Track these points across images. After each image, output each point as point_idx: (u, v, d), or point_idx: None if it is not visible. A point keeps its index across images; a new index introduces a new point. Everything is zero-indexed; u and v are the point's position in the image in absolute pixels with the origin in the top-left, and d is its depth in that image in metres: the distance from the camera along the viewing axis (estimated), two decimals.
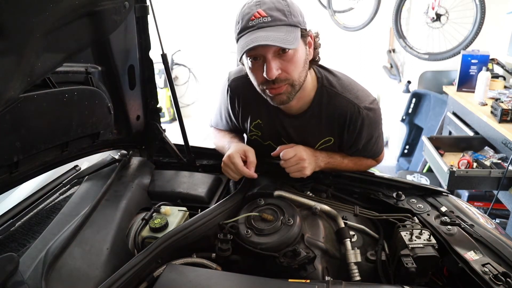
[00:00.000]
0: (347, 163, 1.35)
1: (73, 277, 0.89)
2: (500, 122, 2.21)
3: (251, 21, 1.02)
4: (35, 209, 1.17)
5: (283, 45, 1.01)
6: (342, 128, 1.26)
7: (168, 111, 5.73)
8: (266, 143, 1.39)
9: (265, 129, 1.35)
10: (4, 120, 0.80)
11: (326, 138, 1.30)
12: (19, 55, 0.73)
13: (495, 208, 2.50)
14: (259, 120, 1.35)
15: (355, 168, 1.37)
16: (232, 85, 1.34)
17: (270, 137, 1.37)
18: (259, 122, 1.35)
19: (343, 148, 1.33)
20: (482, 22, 2.77)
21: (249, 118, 1.36)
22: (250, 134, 1.39)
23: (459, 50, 2.94)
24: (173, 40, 5.41)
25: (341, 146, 1.32)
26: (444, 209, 1.16)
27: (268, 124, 1.34)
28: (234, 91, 1.34)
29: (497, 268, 0.89)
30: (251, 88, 1.20)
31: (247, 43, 1.01)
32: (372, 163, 1.44)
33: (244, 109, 1.36)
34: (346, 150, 1.34)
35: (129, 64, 1.21)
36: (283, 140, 1.35)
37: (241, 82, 1.31)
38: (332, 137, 1.30)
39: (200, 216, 1.04)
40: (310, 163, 1.21)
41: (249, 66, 1.12)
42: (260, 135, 1.38)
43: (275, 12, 1.02)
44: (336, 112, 1.23)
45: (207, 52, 5.66)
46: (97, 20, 0.98)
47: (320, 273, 0.96)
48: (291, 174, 1.21)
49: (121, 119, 1.27)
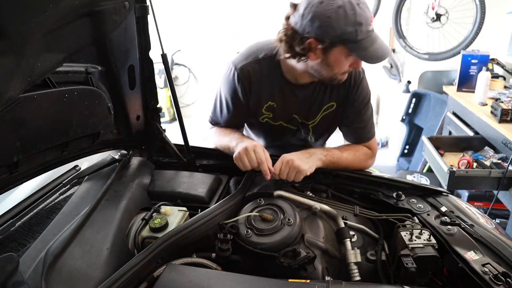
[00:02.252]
0: (346, 156, 1.37)
1: (73, 277, 0.89)
2: (500, 122, 2.22)
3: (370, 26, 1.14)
4: (35, 209, 1.17)
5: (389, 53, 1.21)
6: (347, 91, 1.38)
7: (168, 111, 5.73)
8: (277, 124, 1.46)
9: (277, 109, 1.42)
10: (4, 120, 0.80)
11: (330, 103, 1.41)
12: (19, 55, 0.73)
13: (495, 208, 2.50)
14: (272, 102, 1.40)
15: (355, 161, 1.39)
16: (241, 72, 1.35)
17: (282, 117, 1.45)
18: (272, 104, 1.40)
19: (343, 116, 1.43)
20: (482, 22, 2.77)
21: (261, 101, 1.40)
22: (262, 117, 1.45)
23: (459, 50, 2.94)
24: (173, 40, 5.41)
25: (343, 111, 1.42)
26: (444, 209, 1.17)
27: (282, 103, 1.40)
28: (244, 78, 1.35)
29: (497, 268, 0.89)
30: (263, 72, 1.33)
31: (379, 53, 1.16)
32: (368, 153, 1.46)
33: (255, 93, 1.39)
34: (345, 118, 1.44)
35: (129, 64, 1.21)
36: (294, 116, 1.44)
37: (251, 68, 1.34)
38: (335, 102, 1.41)
39: (200, 216, 1.04)
40: (300, 159, 1.21)
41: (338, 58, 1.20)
42: (271, 117, 1.45)
43: None
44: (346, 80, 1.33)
45: (207, 52, 5.66)
46: (97, 20, 0.98)
47: (320, 273, 0.97)
48: (290, 179, 1.20)
49: (121, 119, 1.27)
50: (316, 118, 1.46)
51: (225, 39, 5.48)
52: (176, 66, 5.84)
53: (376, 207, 1.24)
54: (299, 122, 1.47)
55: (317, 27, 1.12)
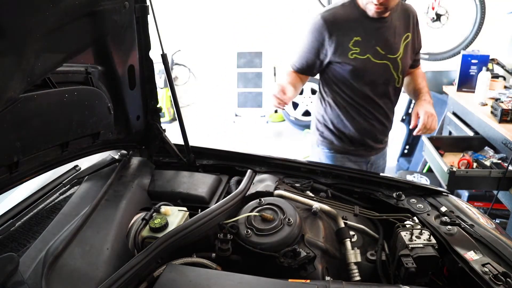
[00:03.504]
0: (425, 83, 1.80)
1: (73, 277, 0.89)
2: (500, 122, 2.21)
3: None
4: (35, 209, 1.17)
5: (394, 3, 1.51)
6: (414, 23, 1.71)
7: (168, 111, 5.73)
8: (365, 57, 1.61)
9: (363, 43, 1.59)
10: (4, 120, 0.80)
11: (406, 34, 1.68)
12: (19, 55, 0.73)
13: (495, 208, 2.50)
14: (357, 37, 1.58)
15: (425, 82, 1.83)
16: (325, 17, 1.57)
17: (368, 50, 1.60)
18: (357, 39, 1.58)
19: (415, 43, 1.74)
20: (482, 22, 2.77)
21: (347, 39, 1.58)
22: (351, 53, 1.59)
23: (459, 50, 2.95)
24: (173, 40, 5.41)
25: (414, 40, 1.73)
26: (444, 209, 1.17)
27: (365, 36, 1.59)
28: (329, 21, 1.57)
29: (497, 268, 0.89)
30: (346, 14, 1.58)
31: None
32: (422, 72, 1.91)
33: (341, 33, 1.58)
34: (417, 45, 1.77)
35: (129, 64, 1.21)
36: (377, 49, 1.61)
37: (332, 12, 1.59)
38: (409, 33, 1.68)
39: (200, 216, 1.04)
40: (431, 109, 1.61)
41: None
42: (359, 52, 1.60)
43: None
44: (410, 12, 1.70)
45: (207, 52, 5.66)
46: (97, 20, 0.98)
47: (320, 273, 0.97)
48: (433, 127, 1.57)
49: (121, 119, 1.27)
50: (400, 50, 1.66)
51: (225, 39, 5.47)
52: (176, 66, 5.84)
53: (376, 207, 1.24)
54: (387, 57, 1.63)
55: None
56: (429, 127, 1.57)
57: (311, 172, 1.38)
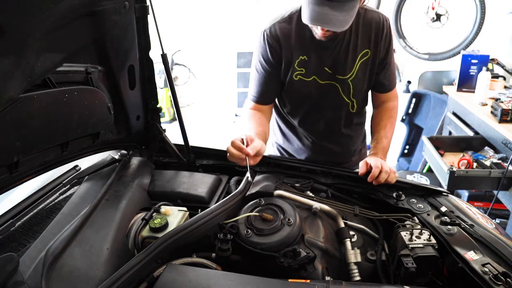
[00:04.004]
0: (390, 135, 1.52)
1: (73, 277, 0.89)
2: (500, 122, 2.22)
3: None
4: (35, 209, 1.17)
5: (340, 29, 1.20)
6: (378, 38, 1.42)
7: (168, 111, 5.73)
8: (311, 79, 1.45)
9: (309, 63, 1.42)
10: (4, 120, 0.80)
11: (364, 50, 1.43)
12: (19, 55, 0.73)
13: (495, 208, 2.50)
14: (303, 56, 1.41)
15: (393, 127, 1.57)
16: (269, 31, 1.41)
17: (315, 71, 1.44)
18: (303, 58, 1.41)
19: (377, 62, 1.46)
20: (482, 22, 2.77)
21: (292, 57, 1.42)
22: (295, 74, 1.44)
23: (459, 50, 2.95)
24: (173, 40, 5.41)
25: (376, 58, 1.45)
26: (444, 209, 1.17)
27: (314, 56, 1.41)
28: (273, 36, 1.40)
29: (497, 268, 0.89)
30: (292, 28, 1.38)
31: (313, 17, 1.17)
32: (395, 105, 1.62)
33: (286, 49, 1.41)
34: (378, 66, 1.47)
35: (129, 64, 1.20)
36: (326, 69, 1.43)
37: (279, 26, 1.40)
38: (368, 49, 1.43)
39: (200, 216, 1.04)
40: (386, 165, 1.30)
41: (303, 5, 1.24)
42: (304, 73, 1.44)
43: None
44: (372, 23, 1.40)
45: (207, 52, 5.66)
46: (97, 20, 0.98)
47: (320, 273, 0.96)
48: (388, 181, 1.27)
49: (121, 119, 1.27)
50: (353, 70, 1.44)
51: (225, 39, 5.48)
52: (176, 66, 5.84)
53: (376, 207, 1.24)
54: (335, 78, 1.45)
55: None
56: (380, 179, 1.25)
57: (311, 172, 1.38)
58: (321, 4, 1.15)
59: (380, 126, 1.54)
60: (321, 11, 1.15)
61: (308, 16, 1.18)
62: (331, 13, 1.14)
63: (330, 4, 1.14)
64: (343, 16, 1.16)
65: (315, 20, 1.18)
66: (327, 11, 1.14)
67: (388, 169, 1.25)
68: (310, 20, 1.19)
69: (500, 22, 3.06)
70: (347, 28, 1.28)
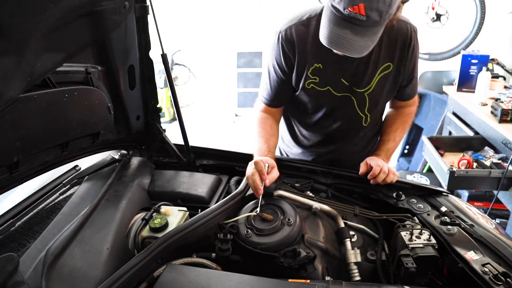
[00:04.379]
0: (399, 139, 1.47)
1: (73, 277, 0.89)
2: (500, 122, 2.22)
3: (349, 11, 1.00)
4: (35, 209, 1.17)
5: (359, 55, 1.11)
6: (404, 51, 1.30)
7: (168, 111, 5.73)
8: (325, 89, 1.35)
9: (324, 72, 1.31)
10: (4, 120, 0.80)
11: (386, 64, 1.31)
12: (19, 55, 0.73)
13: (495, 208, 2.50)
14: (318, 64, 1.30)
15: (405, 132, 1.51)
16: (285, 33, 1.29)
17: (329, 81, 1.33)
18: (318, 66, 1.30)
19: (400, 77, 1.35)
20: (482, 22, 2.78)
21: (306, 64, 1.31)
22: (308, 82, 1.34)
23: (459, 50, 2.95)
24: (173, 40, 5.41)
25: (399, 72, 1.34)
26: (444, 209, 1.17)
27: (330, 65, 1.29)
28: (288, 39, 1.29)
29: (497, 268, 0.89)
30: (308, 33, 1.26)
31: (332, 39, 1.08)
32: (412, 111, 1.54)
33: (300, 55, 1.30)
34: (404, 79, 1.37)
35: (129, 64, 1.21)
36: (342, 81, 1.32)
37: (294, 30, 1.28)
38: (391, 63, 1.32)
39: (200, 216, 1.04)
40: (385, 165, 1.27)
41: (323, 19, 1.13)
42: (317, 82, 1.33)
43: (374, 13, 1.00)
44: (398, 35, 1.27)
45: (207, 52, 5.66)
46: (97, 20, 0.98)
47: (320, 273, 0.97)
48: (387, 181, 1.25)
49: (121, 119, 1.27)
50: (371, 84, 1.34)
51: (225, 39, 5.47)
52: (176, 66, 5.84)
53: (376, 207, 1.24)
54: (352, 90, 1.35)
55: None
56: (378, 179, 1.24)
57: (311, 172, 1.38)
58: (343, 26, 1.05)
59: (391, 128, 1.49)
60: (341, 34, 1.05)
61: (326, 36, 1.09)
62: (352, 37, 1.05)
63: (352, 28, 1.03)
64: (364, 42, 1.07)
65: (334, 43, 1.09)
66: (348, 35, 1.05)
67: (386, 170, 1.23)
68: (328, 42, 1.09)
69: (500, 22, 3.06)
70: None
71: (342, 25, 1.05)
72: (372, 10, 1.00)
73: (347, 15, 1.01)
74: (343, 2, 1.01)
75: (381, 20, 1.03)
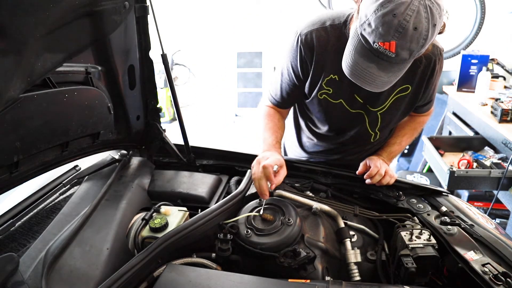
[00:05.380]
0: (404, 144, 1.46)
1: (73, 277, 0.89)
2: (500, 122, 2.22)
3: (379, 45, 0.94)
4: (35, 209, 1.17)
5: (380, 90, 1.04)
6: (426, 75, 1.23)
7: (168, 111, 5.74)
8: (337, 102, 1.29)
9: (340, 85, 1.25)
10: (4, 120, 0.80)
11: (404, 86, 1.25)
12: (19, 55, 0.73)
13: (495, 208, 2.50)
14: (334, 75, 1.24)
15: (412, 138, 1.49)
16: (305, 37, 1.21)
17: (343, 95, 1.28)
18: (334, 77, 1.24)
19: (417, 100, 1.30)
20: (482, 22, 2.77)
21: (322, 73, 1.25)
22: (320, 92, 1.28)
23: (459, 50, 2.94)
24: (173, 40, 5.41)
25: (417, 96, 1.29)
26: (444, 209, 1.17)
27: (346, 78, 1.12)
28: (308, 43, 1.21)
29: (497, 268, 0.89)
30: (329, 41, 1.18)
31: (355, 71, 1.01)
32: (425, 120, 1.51)
33: (317, 63, 1.23)
34: (420, 101, 1.32)
35: (129, 64, 1.21)
36: (355, 96, 1.27)
37: (315, 35, 1.20)
38: (409, 85, 1.25)
39: (200, 216, 1.04)
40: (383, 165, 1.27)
41: None
42: (330, 93, 1.28)
43: (404, 52, 0.94)
44: (423, 56, 1.14)
45: (207, 52, 5.67)
46: (97, 20, 0.98)
47: (320, 273, 0.97)
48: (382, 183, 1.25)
49: (121, 119, 1.27)
50: (386, 103, 1.28)
51: (225, 39, 5.48)
52: (176, 66, 5.84)
53: (376, 207, 1.24)
54: (365, 108, 1.30)
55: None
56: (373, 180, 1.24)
57: (311, 172, 1.38)
58: (368, 59, 0.98)
59: (400, 133, 1.46)
60: (366, 68, 0.99)
61: (350, 66, 1.02)
62: (376, 72, 0.98)
63: (378, 62, 0.97)
64: (388, 77, 1.00)
65: (357, 76, 1.02)
66: (373, 70, 0.98)
67: (383, 172, 1.22)
68: (351, 74, 1.03)
69: (500, 22, 3.06)
70: None
71: (368, 58, 0.98)
72: (404, 49, 0.93)
73: (375, 49, 0.95)
74: (374, 35, 0.93)
75: (410, 58, 0.97)
